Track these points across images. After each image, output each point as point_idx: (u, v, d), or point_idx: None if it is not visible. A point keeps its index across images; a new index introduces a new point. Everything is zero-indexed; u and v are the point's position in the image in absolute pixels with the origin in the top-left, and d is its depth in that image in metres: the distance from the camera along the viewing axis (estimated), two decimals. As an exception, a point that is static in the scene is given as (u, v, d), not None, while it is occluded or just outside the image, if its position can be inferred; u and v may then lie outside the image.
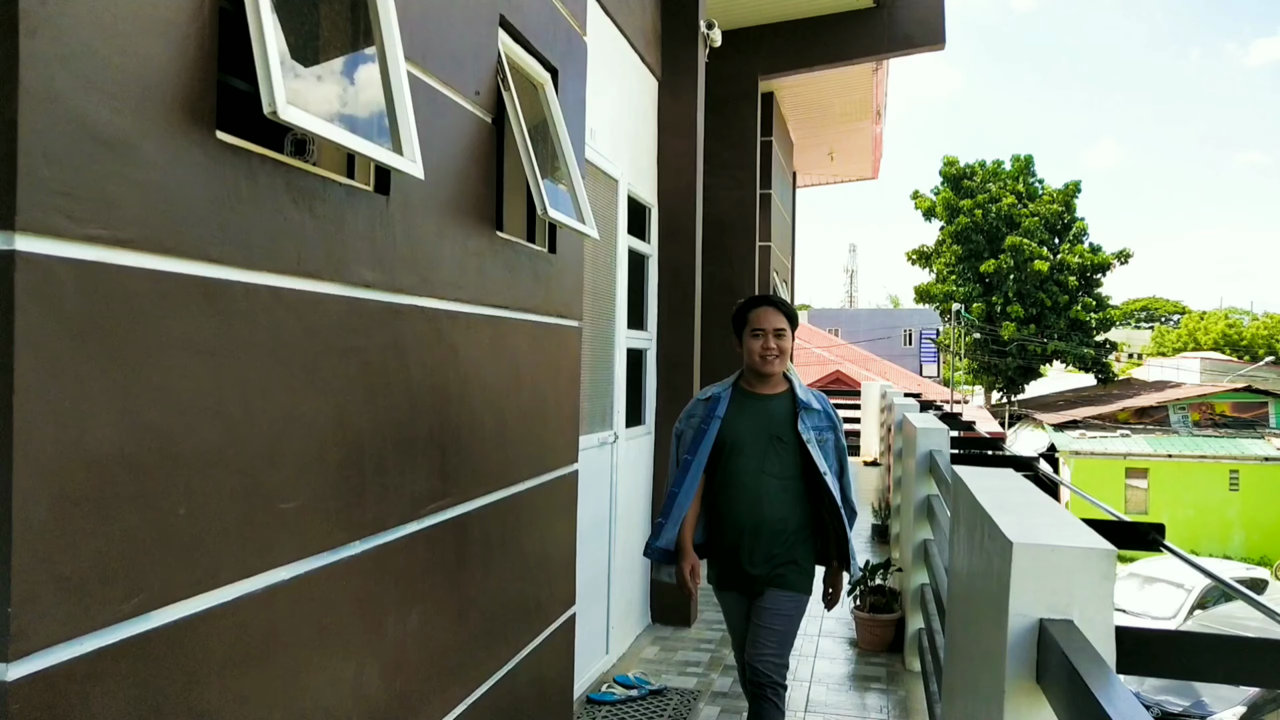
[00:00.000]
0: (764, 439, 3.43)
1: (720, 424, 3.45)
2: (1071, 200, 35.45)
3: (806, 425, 3.43)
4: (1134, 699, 1.07)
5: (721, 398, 3.51)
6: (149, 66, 1.55)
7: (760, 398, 3.51)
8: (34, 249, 1.33)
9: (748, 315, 3.49)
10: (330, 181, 2.11)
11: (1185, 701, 8.74)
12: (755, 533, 3.42)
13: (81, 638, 1.43)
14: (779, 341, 3.42)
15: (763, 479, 3.42)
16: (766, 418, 3.46)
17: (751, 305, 3.51)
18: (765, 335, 3.42)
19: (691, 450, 3.47)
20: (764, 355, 3.42)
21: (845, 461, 3.53)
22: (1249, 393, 29.04)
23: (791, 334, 3.47)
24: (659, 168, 6.41)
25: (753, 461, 3.42)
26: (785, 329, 3.44)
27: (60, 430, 1.38)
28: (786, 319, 3.46)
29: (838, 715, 4.62)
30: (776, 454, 3.42)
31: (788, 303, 3.34)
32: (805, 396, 3.50)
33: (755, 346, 3.43)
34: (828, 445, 3.48)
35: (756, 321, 3.45)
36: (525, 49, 3.43)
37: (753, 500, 3.41)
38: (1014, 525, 1.55)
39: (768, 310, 3.47)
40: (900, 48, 8.40)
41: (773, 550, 3.43)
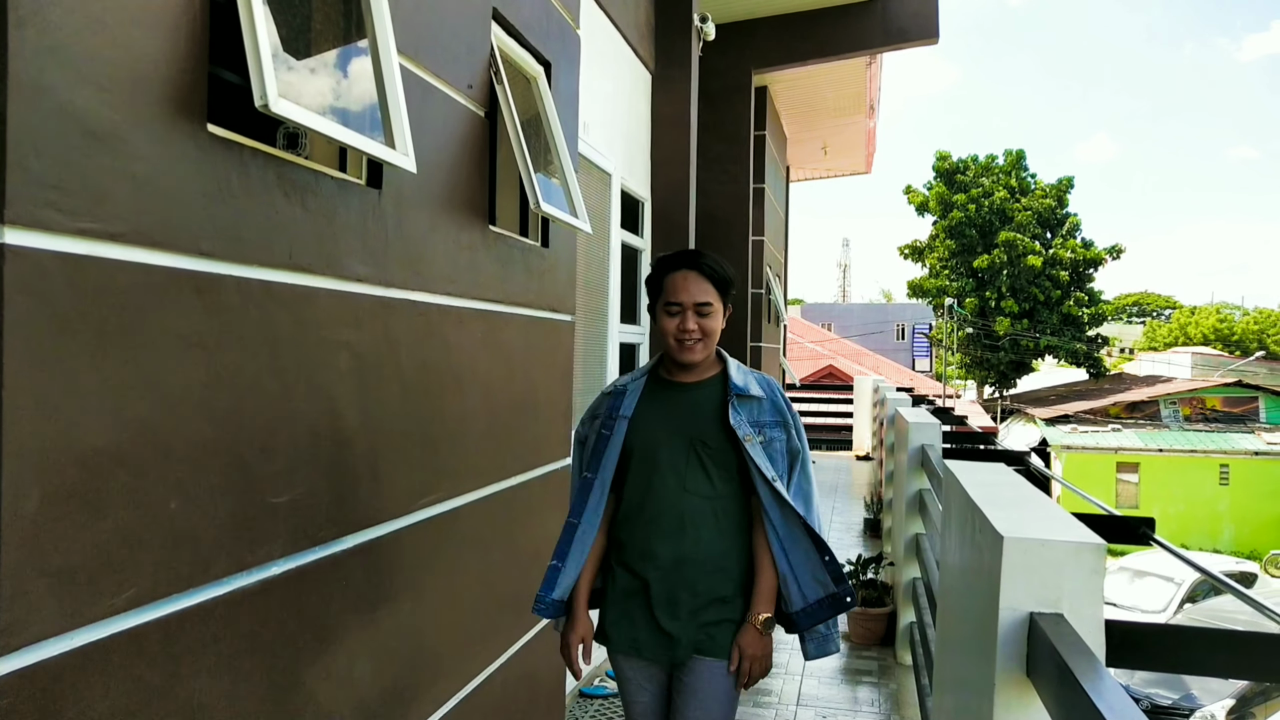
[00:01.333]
0: (684, 444, 2.43)
1: (627, 426, 2.48)
2: (1064, 195, 35.53)
3: (742, 419, 2.43)
4: (1123, 692, 1.07)
5: (629, 390, 2.53)
6: (139, 59, 1.54)
7: (681, 388, 2.51)
8: (24, 242, 1.33)
9: (662, 282, 2.47)
10: (322, 175, 2.11)
11: (1174, 695, 8.78)
12: (675, 575, 2.40)
13: (72, 632, 1.43)
14: (703, 320, 2.42)
15: (685, 499, 2.41)
16: (688, 414, 2.47)
17: (667, 268, 2.48)
18: (683, 313, 2.41)
19: (593, 465, 2.49)
20: (680, 339, 2.42)
21: (806, 471, 2.51)
22: (1239, 387, 29.17)
23: (724, 305, 2.49)
24: (652, 162, 6.40)
25: (670, 475, 2.42)
26: (711, 302, 2.43)
27: (50, 424, 1.38)
28: (715, 288, 2.45)
29: (829, 708, 4.63)
30: (702, 463, 2.42)
31: (719, 264, 2.45)
32: (742, 380, 2.49)
33: (670, 327, 2.43)
34: (776, 448, 2.46)
35: (672, 292, 2.43)
36: (518, 42, 3.42)
37: (671, 529, 2.41)
38: (1005, 519, 1.56)
39: (688, 277, 2.43)
40: (894, 42, 8.41)
41: (702, 600, 2.41)
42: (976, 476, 2.07)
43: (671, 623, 2.40)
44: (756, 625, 2.41)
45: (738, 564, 2.45)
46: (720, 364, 2.55)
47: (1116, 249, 34.95)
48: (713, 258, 2.47)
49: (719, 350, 2.55)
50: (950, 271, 35.69)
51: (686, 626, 2.40)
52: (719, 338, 2.50)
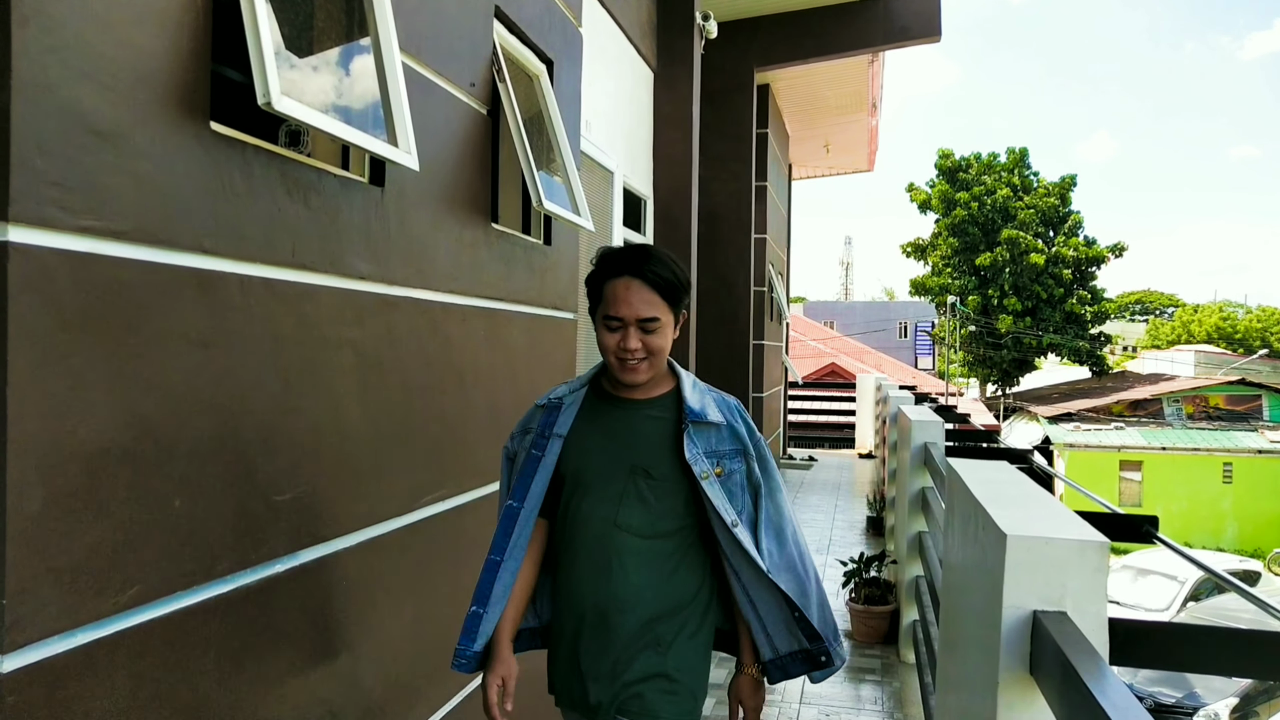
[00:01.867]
0: (623, 471, 2.06)
1: (561, 446, 2.10)
2: (1067, 193, 35.48)
3: (698, 451, 2.04)
4: (1127, 690, 1.07)
5: (566, 404, 2.15)
6: (142, 57, 1.54)
7: (624, 405, 2.11)
8: (28, 240, 1.33)
9: (602, 291, 2.04)
10: (325, 173, 2.11)
11: (1178, 693, 8.77)
12: (598, 624, 2.05)
13: (77, 630, 1.43)
14: (648, 338, 2.00)
15: (615, 536, 2.04)
16: (631, 437, 2.08)
17: (606, 272, 2.04)
18: (625, 330, 1.99)
19: (519, 491, 2.10)
20: (621, 359, 2.02)
21: (776, 500, 2.14)
22: (1243, 385, 29.12)
23: (676, 316, 2.06)
24: (654, 160, 6.40)
25: (601, 507, 2.05)
26: (658, 317, 2.00)
27: (55, 422, 1.38)
28: (663, 298, 2.01)
29: (832, 707, 4.63)
30: (642, 496, 2.05)
31: (669, 268, 2.02)
32: (699, 403, 2.09)
33: (610, 344, 2.02)
34: (735, 481, 2.08)
35: (612, 304, 2.01)
36: (521, 40, 3.42)
37: (598, 569, 2.05)
38: (1008, 517, 1.56)
39: (630, 287, 1.99)
40: (896, 40, 8.40)
41: (625, 655, 2.04)
42: (979, 474, 2.07)
43: (593, 683, 2.06)
44: (752, 674, 2.16)
45: (681, 614, 2.08)
46: (672, 379, 2.15)
47: (1119, 247, 34.90)
48: (663, 260, 2.02)
49: (671, 362, 2.16)
50: (953, 269, 35.65)
51: (607, 686, 2.05)
52: (669, 351, 2.10)
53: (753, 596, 2.10)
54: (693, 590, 2.11)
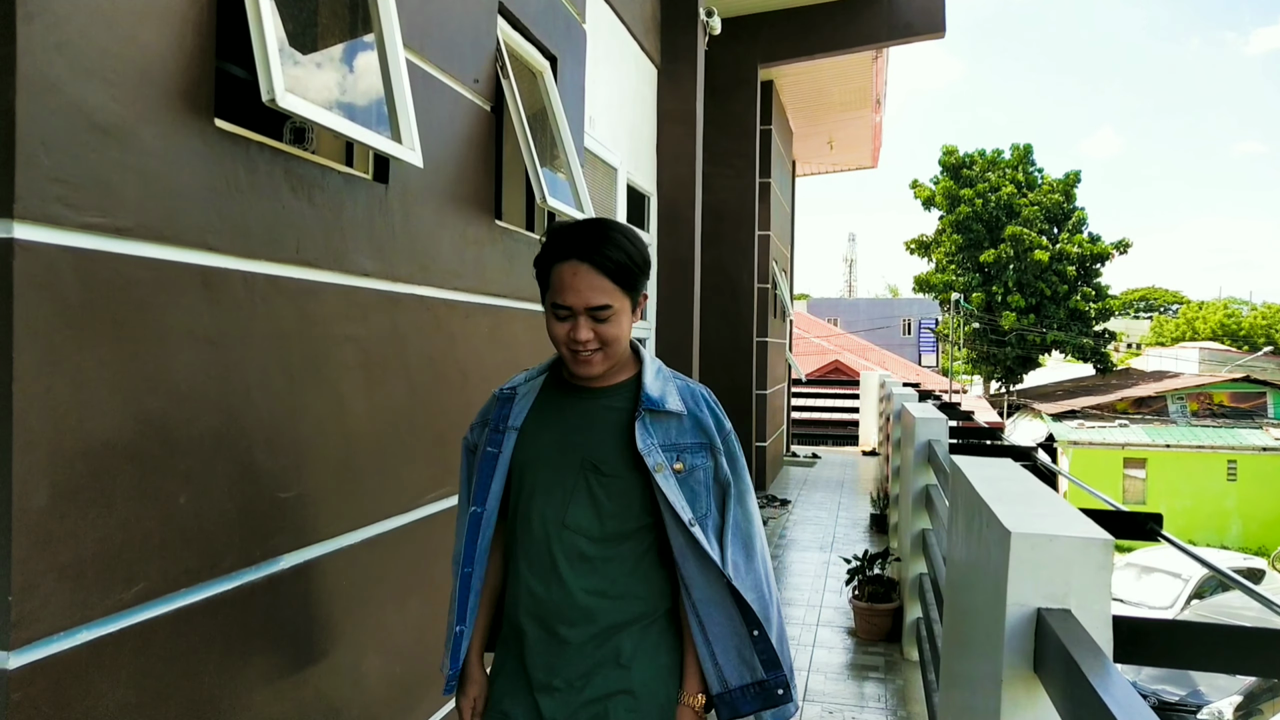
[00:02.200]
0: (574, 466, 1.86)
1: (515, 440, 1.91)
2: (1071, 190, 35.41)
3: (653, 442, 1.83)
4: (1131, 688, 1.07)
5: (520, 394, 1.95)
6: (147, 54, 1.54)
7: (580, 394, 1.92)
8: (33, 237, 1.33)
9: (549, 274, 1.83)
10: (329, 170, 2.11)
11: (1182, 691, 8.77)
12: (547, 635, 1.84)
13: (82, 626, 1.43)
14: (601, 328, 1.80)
15: (563, 536, 1.83)
16: (584, 428, 1.88)
17: (553, 254, 1.81)
18: (574, 320, 1.79)
19: (479, 495, 1.91)
20: (573, 351, 1.82)
21: (746, 507, 1.92)
22: (1247, 383, 29.06)
23: (634, 302, 1.86)
24: (658, 156, 6.39)
25: (549, 505, 1.85)
26: (611, 304, 1.79)
27: (60, 419, 1.38)
28: (617, 283, 1.80)
29: (836, 704, 4.63)
30: (592, 494, 1.84)
31: (624, 247, 1.80)
32: (659, 390, 1.89)
33: (559, 334, 1.82)
34: (699, 479, 1.87)
35: (559, 290, 1.79)
36: (524, 37, 3.42)
37: (543, 576, 1.84)
38: (1012, 515, 1.56)
39: (578, 272, 1.78)
40: (900, 36, 8.38)
41: (582, 669, 1.83)
42: (983, 472, 2.07)
43: (545, 696, 1.83)
44: (691, 706, 1.86)
45: (641, 625, 1.86)
46: (635, 365, 1.94)
47: (1123, 244, 34.84)
48: (616, 241, 1.80)
49: (635, 345, 1.95)
50: (957, 266, 35.60)
51: (563, 702, 1.82)
52: (629, 336, 1.89)
53: (703, 616, 1.84)
54: (653, 600, 1.86)
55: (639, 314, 1.89)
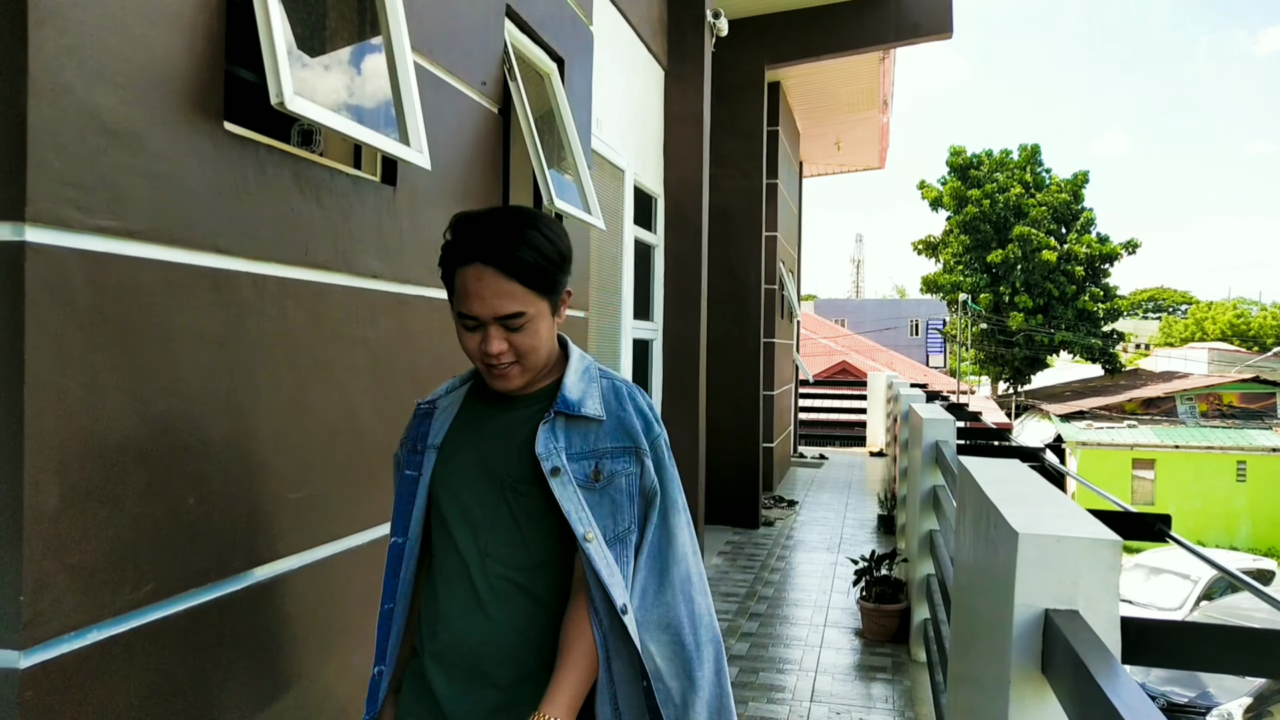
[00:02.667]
0: (494, 487, 1.63)
1: (435, 461, 1.69)
2: (1079, 190, 35.32)
3: (556, 446, 1.60)
4: (1140, 690, 1.07)
5: (440, 409, 1.75)
6: (157, 58, 1.55)
7: (501, 405, 1.69)
8: (44, 240, 1.34)
9: (453, 275, 1.58)
10: (337, 172, 2.12)
11: (1191, 692, 8.74)
12: (469, 673, 1.61)
13: (93, 626, 1.44)
14: (516, 337, 1.58)
15: (486, 568, 1.61)
16: (503, 443, 1.66)
17: (455, 256, 1.58)
18: (485, 332, 1.58)
19: (400, 524, 1.69)
20: (487, 365, 1.61)
21: (669, 524, 1.65)
22: (1257, 383, 28.93)
23: (553, 305, 1.63)
24: (665, 158, 6.40)
25: (467, 532, 1.63)
26: (524, 311, 1.56)
27: (71, 420, 1.39)
28: (530, 287, 1.56)
29: (843, 705, 4.63)
30: (514, 516, 1.62)
31: (532, 249, 1.55)
32: (578, 392, 1.65)
33: (470, 347, 1.62)
34: (619, 487, 1.62)
35: (464, 299, 1.57)
36: (532, 39, 3.43)
37: (463, 611, 1.62)
38: (1020, 515, 1.55)
39: (483, 277, 1.54)
40: (907, 37, 8.37)
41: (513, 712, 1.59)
42: (991, 472, 2.07)
43: None
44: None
45: None
46: (564, 364, 1.71)
47: (1132, 244, 34.73)
48: (526, 238, 1.55)
49: (564, 341, 1.74)
50: (964, 267, 35.53)
51: None
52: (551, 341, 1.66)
53: (611, 649, 1.55)
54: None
55: (562, 315, 1.68)
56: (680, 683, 1.58)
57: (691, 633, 1.61)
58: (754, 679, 4.97)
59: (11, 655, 1.31)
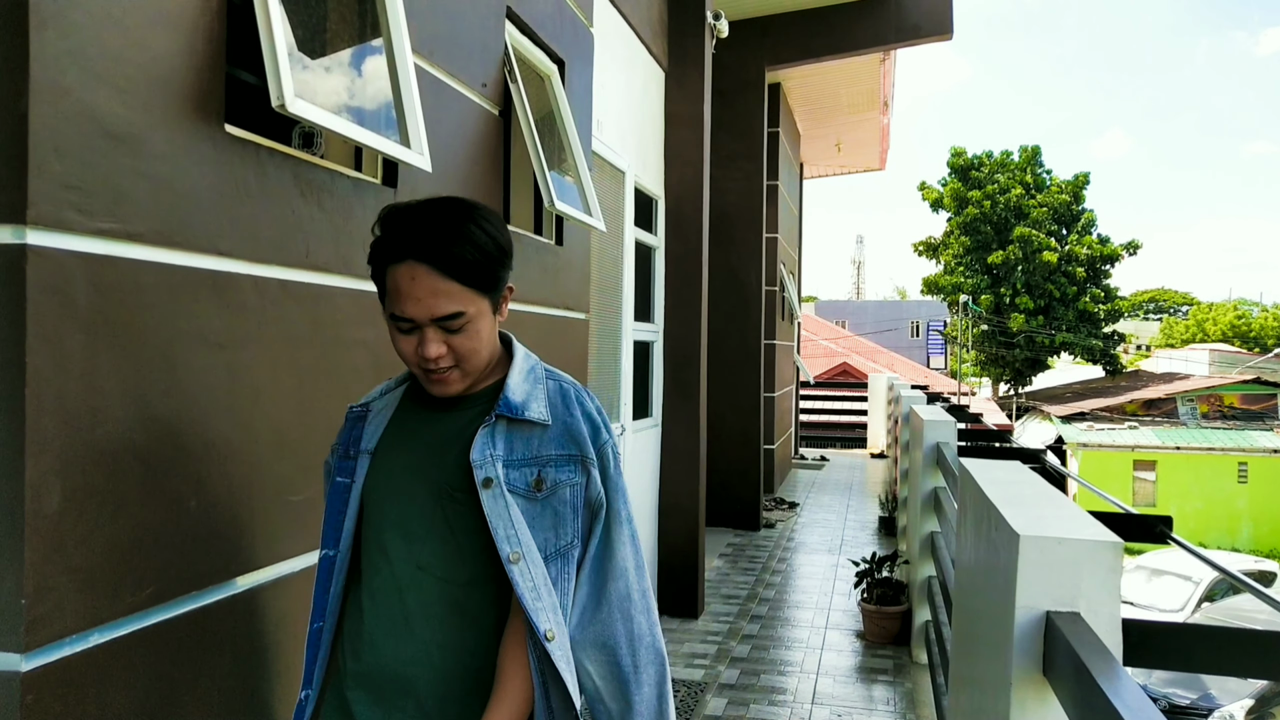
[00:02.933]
0: (430, 495, 1.53)
1: (368, 467, 1.59)
2: (1080, 191, 35.33)
3: (493, 453, 1.50)
4: (1141, 691, 1.07)
5: (374, 411, 1.64)
6: (158, 60, 1.56)
7: (441, 407, 1.59)
8: (45, 243, 1.34)
9: (384, 273, 1.49)
10: (338, 174, 2.12)
11: (1193, 694, 8.73)
12: (398, 696, 1.51)
13: (94, 629, 1.44)
14: (455, 339, 1.49)
15: (418, 583, 1.52)
16: (439, 447, 1.56)
17: (388, 254, 1.48)
18: (421, 334, 1.48)
19: (331, 536, 1.59)
20: (425, 370, 1.51)
21: (611, 542, 1.56)
22: (1258, 384, 28.93)
23: (494, 303, 1.54)
24: (666, 159, 6.40)
25: (400, 542, 1.53)
26: (463, 310, 1.47)
27: (72, 422, 1.39)
28: (469, 285, 1.47)
29: (844, 707, 4.63)
30: (449, 526, 1.52)
31: (469, 244, 1.46)
32: (522, 394, 1.55)
33: (406, 351, 1.51)
34: (563, 499, 1.53)
35: (397, 300, 1.47)
36: (532, 41, 3.43)
37: (392, 628, 1.52)
38: (1021, 517, 1.55)
39: (416, 274, 1.45)
40: (908, 38, 8.37)
41: None
42: (992, 474, 2.07)
43: None
44: None
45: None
46: (508, 363, 1.61)
47: (1133, 244, 34.74)
48: (465, 229, 1.46)
49: (507, 339, 1.64)
50: (965, 268, 35.53)
51: None
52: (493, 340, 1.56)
53: (548, 676, 1.46)
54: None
55: (503, 312, 1.57)
56: (618, 704, 1.52)
57: (630, 654, 1.53)
58: (755, 681, 4.97)
59: (13, 658, 1.31)
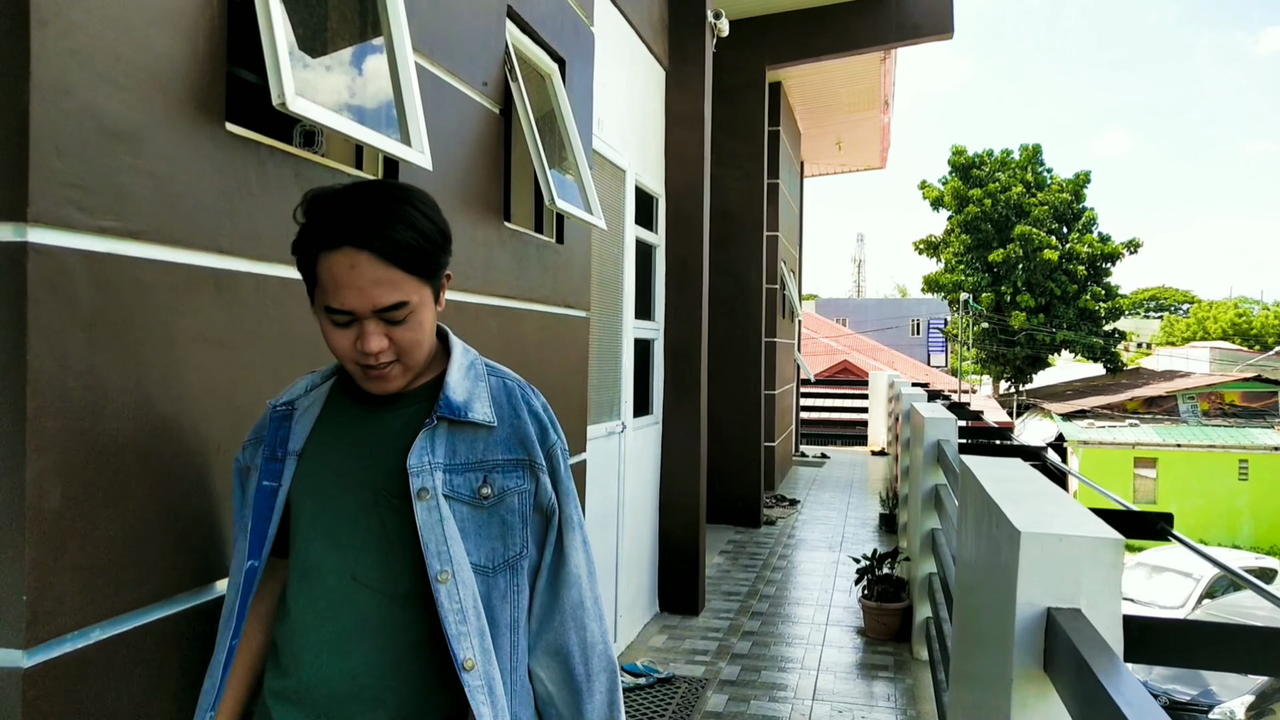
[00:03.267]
0: (366, 501, 1.43)
1: (295, 469, 1.47)
2: (1081, 190, 35.31)
3: (433, 460, 1.42)
4: (1142, 687, 1.07)
5: (300, 409, 1.52)
6: (159, 58, 1.56)
7: (374, 404, 1.49)
8: (46, 240, 1.34)
9: (316, 265, 1.39)
10: (339, 172, 2.12)
11: (1193, 690, 8.74)
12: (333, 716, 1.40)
13: (95, 626, 1.44)
14: (397, 332, 1.39)
15: (354, 593, 1.41)
16: (375, 448, 1.46)
17: (320, 240, 1.37)
18: (360, 327, 1.38)
19: (256, 546, 1.46)
20: (364, 366, 1.40)
21: (566, 550, 1.51)
22: (1258, 382, 28.91)
23: (435, 291, 1.45)
24: (666, 158, 6.40)
25: (333, 553, 1.42)
26: (407, 300, 1.37)
27: (73, 420, 1.39)
28: (411, 271, 1.37)
29: (845, 703, 4.63)
30: (386, 535, 1.42)
31: (410, 228, 1.36)
32: (464, 392, 1.47)
33: (342, 346, 1.40)
34: (510, 507, 1.46)
35: (333, 291, 1.36)
36: (533, 39, 3.43)
37: (328, 644, 1.41)
38: (1022, 514, 1.56)
39: (356, 264, 1.34)
40: (908, 37, 8.37)
41: None
42: (993, 472, 2.07)
43: None
44: None
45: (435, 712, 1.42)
46: (445, 357, 1.52)
47: (1134, 243, 34.72)
48: (404, 212, 1.36)
49: (444, 331, 1.55)
50: (966, 266, 35.51)
51: None
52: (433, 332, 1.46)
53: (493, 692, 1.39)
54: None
55: (442, 301, 1.47)
56: (570, 711, 1.50)
57: (583, 661, 1.50)
58: (756, 677, 4.97)
59: (15, 655, 1.31)
